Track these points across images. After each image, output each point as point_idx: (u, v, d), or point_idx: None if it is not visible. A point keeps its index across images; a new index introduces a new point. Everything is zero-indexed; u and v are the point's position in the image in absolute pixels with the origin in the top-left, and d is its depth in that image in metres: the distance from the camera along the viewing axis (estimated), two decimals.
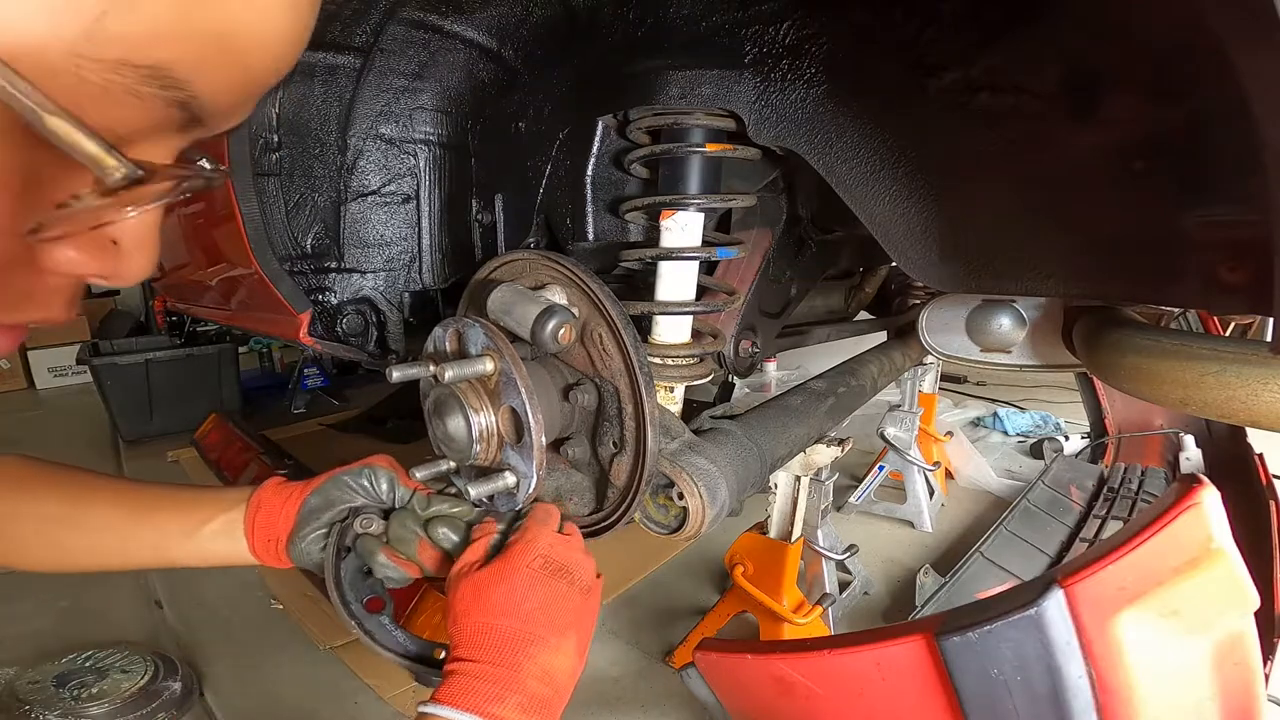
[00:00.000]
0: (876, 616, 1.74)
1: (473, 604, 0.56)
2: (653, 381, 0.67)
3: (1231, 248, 0.53)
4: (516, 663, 0.54)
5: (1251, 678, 0.60)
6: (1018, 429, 3.08)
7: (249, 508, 0.68)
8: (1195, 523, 0.57)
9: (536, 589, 0.57)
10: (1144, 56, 0.54)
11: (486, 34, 0.95)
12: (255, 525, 0.67)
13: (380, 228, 1.05)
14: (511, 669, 0.53)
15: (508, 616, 0.55)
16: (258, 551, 0.68)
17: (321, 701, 1.43)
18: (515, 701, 0.52)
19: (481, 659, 0.54)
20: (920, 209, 0.71)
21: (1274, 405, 0.58)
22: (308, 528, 0.67)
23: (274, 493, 0.69)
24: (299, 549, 0.67)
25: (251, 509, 0.68)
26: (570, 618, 0.58)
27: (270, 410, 3.74)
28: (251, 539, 0.68)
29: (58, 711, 1.29)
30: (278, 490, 0.69)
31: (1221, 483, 0.60)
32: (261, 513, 0.68)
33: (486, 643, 0.54)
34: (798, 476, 1.32)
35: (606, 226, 0.89)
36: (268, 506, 0.68)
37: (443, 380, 0.65)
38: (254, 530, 0.67)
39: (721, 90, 0.74)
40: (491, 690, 0.52)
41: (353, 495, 0.69)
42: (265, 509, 0.68)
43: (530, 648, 0.55)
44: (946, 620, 0.66)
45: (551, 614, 0.57)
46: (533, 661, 0.54)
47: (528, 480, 0.65)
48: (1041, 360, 1.14)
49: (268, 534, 0.67)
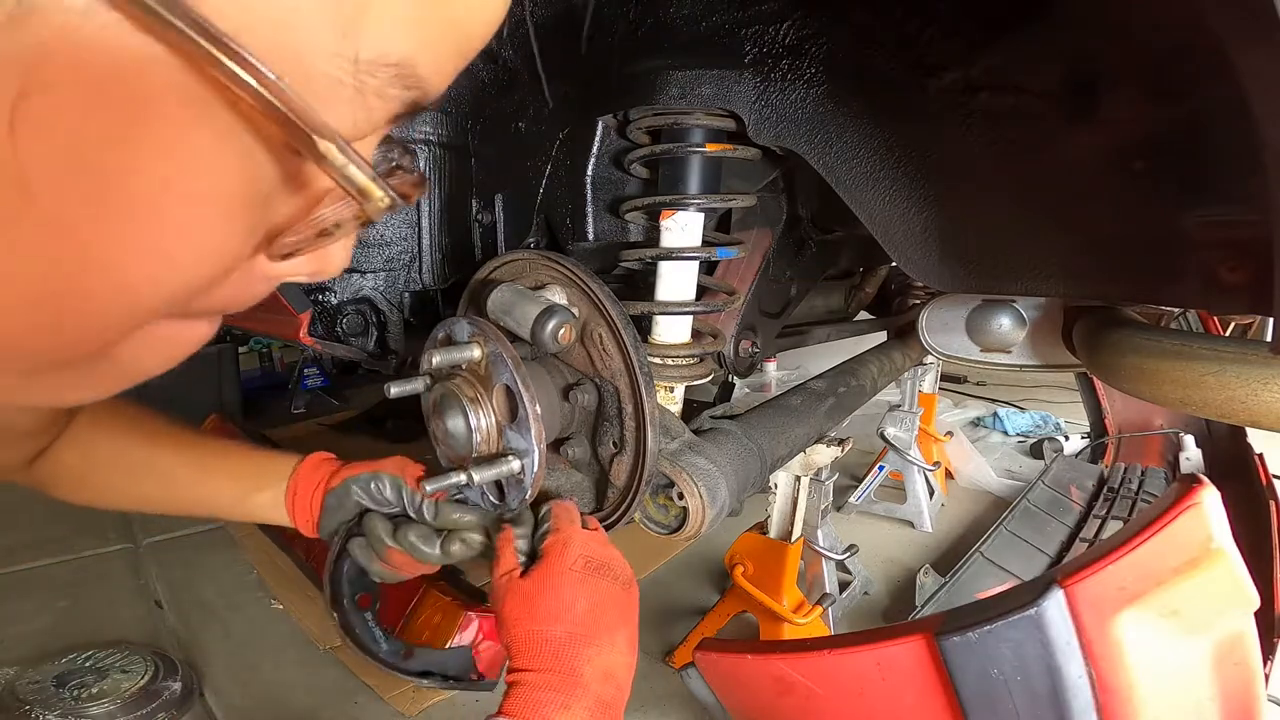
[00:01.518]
0: (876, 616, 1.74)
1: (524, 613, 0.56)
2: (653, 381, 0.67)
3: (1231, 248, 0.53)
4: (577, 668, 0.54)
5: (1251, 678, 0.60)
6: (1018, 429, 3.08)
7: (289, 492, 0.74)
8: (1195, 523, 0.57)
9: (583, 591, 0.58)
10: (1144, 56, 0.54)
11: None
12: (295, 506, 0.74)
13: (380, 228, 1.05)
14: (573, 675, 0.53)
15: (561, 622, 0.55)
16: (298, 524, 0.75)
17: (321, 701, 1.43)
18: (582, 707, 0.52)
19: (541, 668, 0.54)
20: (920, 209, 0.71)
21: (1274, 405, 0.58)
22: (328, 519, 0.74)
23: (308, 479, 0.74)
24: (326, 532, 0.75)
25: (290, 492, 0.74)
26: (618, 614, 0.59)
27: (270, 410, 3.73)
28: (294, 517, 0.74)
29: (58, 711, 1.29)
30: (311, 476, 0.75)
31: (1221, 483, 0.60)
32: (299, 498, 0.74)
33: (545, 651, 0.54)
34: (798, 476, 1.32)
35: (606, 226, 0.89)
36: (302, 494, 0.74)
37: (430, 366, 0.66)
38: (294, 509, 0.74)
39: (721, 90, 0.74)
40: (557, 698, 0.52)
41: (361, 500, 0.72)
42: (301, 495, 0.74)
43: (588, 650, 0.55)
44: (946, 620, 0.66)
45: (601, 613, 0.57)
46: (592, 665, 0.54)
47: (530, 458, 0.65)
48: (1041, 360, 1.14)
49: (305, 516, 0.74)
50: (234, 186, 0.22)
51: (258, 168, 0.23)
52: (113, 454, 0.72)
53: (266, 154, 0.22)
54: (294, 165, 0.24)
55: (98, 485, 0.73)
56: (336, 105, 0.22)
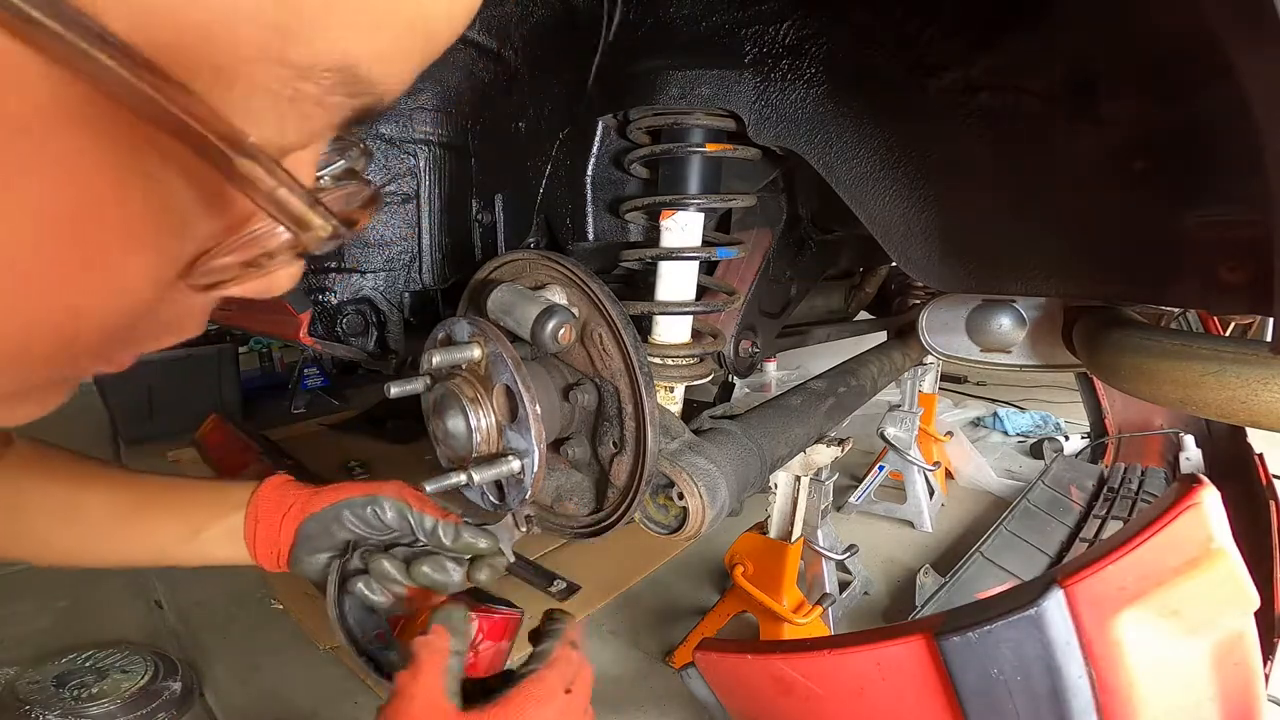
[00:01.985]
0: (876, 616, 1.74)
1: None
2: (653, 381, 0.67)
3: (1231, 248, 0.53)
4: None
5: (1251, 678, 0.60)
6: (1018, 429, 3.08)
7: (248, 520, 0.65)
8: (1195, 523, 0.57)
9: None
10: (1144, 57, 0.54)
11: (486, 34, 0.95)
12: (257, 538, 0.65)
13: (380, 228, 1.05)
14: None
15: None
16: (260, 559, 0.66)
17: (321, 701, 1.43)
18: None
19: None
20: (920, 209, 0.71)
21: (1274, 405, 0.58)
22: (306, 549, 0.65)
23: (273, 505, 0.66)
24: (301, 565, 0.66)
25: (250, 521, 0.65)
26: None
27: (270, 410, 3.73)
28: (254, 549, 0.66)
29: (58, 711, 1.29)
30: (276, 503, 0.66)
31: (1221, 483, 0.60)
32: (262, 526, 0.65)
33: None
34: (798, 476, 1.32)
35: (606, 226, 0.89)
36: (266, 522, 0.65)
37: (430, 366, 0.65)
38: (255, 542, 0.66)
39: (721, 90, 0.74)
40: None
41: (353, 529, 0.65)
42: (265, 523, 0.65)
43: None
44: (946, 620, 0.66)
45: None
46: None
47: (530, 458, 0.65)
48: (1041, 360, 1.14)
49: (269, 548, 0.66)
50: (137, 213, 0.19)
51: (167, 191, 0.19)
52: (38, 500, 0.63)
53: (178, 174, 0.19)
54: (215, 183, 0.20)
55: (22, 536, 0.63)
56: (265, 115, 0.19)
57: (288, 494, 0.66)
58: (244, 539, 0.65)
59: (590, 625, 1.62)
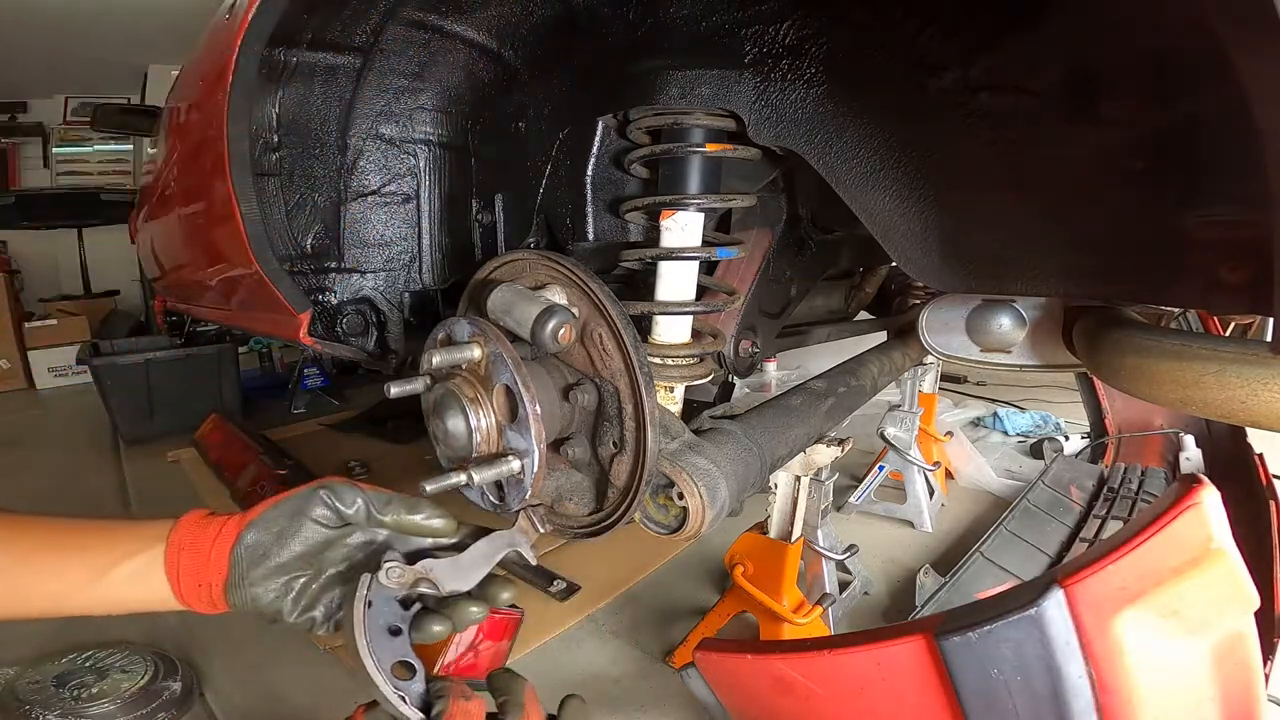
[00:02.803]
0: (876, 616, 1.73)
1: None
2: (653, 381, 0.67)
3: (1231, 248, 0.53)
4: None
5: (1251, 678, 0.60)
6: (1018, 429, 3.08)
7: (169, 548, 0.56)
8: (1195, 523, 0.57)
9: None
10: (1144, 56, 0.54)
11: (487, 34, 0.95)
12: (181, 569, 0.55)
13: (380, 228, 1.05)
14: None
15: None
16: (185, 597, 0.56)
17: (321, 701, 1.42)
18: None
19: None
20: (920, 209, 0.71)
21: (1274, 405, 0.58)
22: (257, 569, 0.56)
23: (198, 530, 0.57)
24: (245, 593, 0.56)
25: (173, 550, 0.56)
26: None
27: (270, 410, 3.73)
28: (177, 584, 0.56)
29: (58, 711, 1.29)
30: (203, 527, 0.57)
31: (1221, 483, 0.60)
32: (187, 555, 0.56)
33: None
34: (798, 476, 1.32)
35: (606, 226, 0.90)
36: (194, 548, 0.56)
37: (430, 366, 0.65)
38: (179, 575, 0.56)
39: (721, 90, 0.74)
40: None
41: (314, 525, 0.58)
42: (191, 551, 0.56)
43: None
44: (946, 620, 0.66)
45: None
46: None
47: (530, 458, 0.65)
48: (1041, 360, 1.14)
49: (196, 579, 0.56)
50: None
51: None
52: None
53: None
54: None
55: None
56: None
57: (213, 519, 0.58)
58: (164, 573, 0.55)
59: (590, 625, 1.62)
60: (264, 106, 0.91)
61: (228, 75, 0.77)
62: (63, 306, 4.79)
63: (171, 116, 1.55)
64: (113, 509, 2.45)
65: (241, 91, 0.79)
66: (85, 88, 5.26)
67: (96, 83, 5.13)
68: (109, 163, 5.55)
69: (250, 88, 0.81)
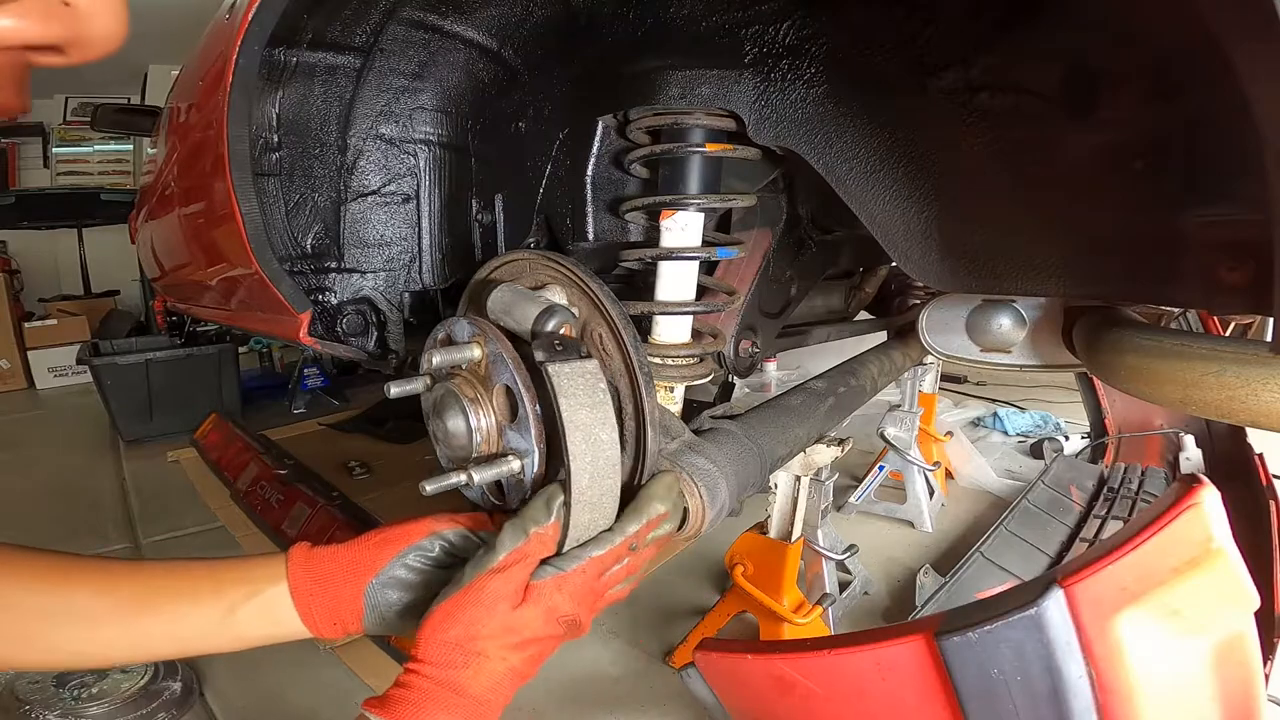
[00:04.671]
0: (876, 616, 1.73)
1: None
2: (653, 381, 0.67)
3: (1231, 248, 0.53)
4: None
5: (1251, 678, 0.60)
6: (1018, 429, 3.08)
7: (298, 593, 0.60)
8: (1195, 523, 0.57)
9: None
10: (1144, 56, 0.54)
11: (486, 34, 0.95)
12: (314, 608, 0.61)
13: (380, 228, 1.05)
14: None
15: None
16: (320, 630, 0.62)
17: (321, 701, 1.43)
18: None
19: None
20: (920, 209, 0.71)
21: (1274, 405, 0.58)
22: (392, 611, 0.62)
23: (324, 574, 0.61)
24: (382, 625, 0.63)
25: (303, 595, 0.60)
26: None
27: (270, 410, 3.74)
28: (312, 620, 0.61)
29: (58, 711, 1.29)
30: (326, 572, 0.61)
31: (1221, 483, 0.60)
32: (318, 600, 0.60)
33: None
34: (798, 476, 1.32)
35: (606, 226, 0.90)
36: (325, 594, 0.61)
37: (430, 366, 0.65)
38: (314, 613, 0.61)
39: (721, 90, 0.74)
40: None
41: (419, 568, 0.64)
42: (322, 596, 0.60)
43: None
44: (946, 620, 0.65)
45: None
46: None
47: (531, 458, 0.65)
48: (1041, 360, 1.14)
49: (331, 617, 0.61)
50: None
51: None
52: (16, 600, 0.56)
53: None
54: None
55: (6, 640, 0.56)
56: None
57: (329, 560, 0.62)
58: (295, 611, 0.60)
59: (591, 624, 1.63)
60: (264, 106, 0.91)
61: (228, 75, 0.77)
62: (63, 306, 4.79)
63: (171, 116, 1.55)
64: (113, 509, 2.45)
65: (241, 91, 0.79)
66: (85, 87, 5.26)
67: (96, 82, 5.13)
68: (109, 163, 5.56)
69: (250, 88, 0.81)
